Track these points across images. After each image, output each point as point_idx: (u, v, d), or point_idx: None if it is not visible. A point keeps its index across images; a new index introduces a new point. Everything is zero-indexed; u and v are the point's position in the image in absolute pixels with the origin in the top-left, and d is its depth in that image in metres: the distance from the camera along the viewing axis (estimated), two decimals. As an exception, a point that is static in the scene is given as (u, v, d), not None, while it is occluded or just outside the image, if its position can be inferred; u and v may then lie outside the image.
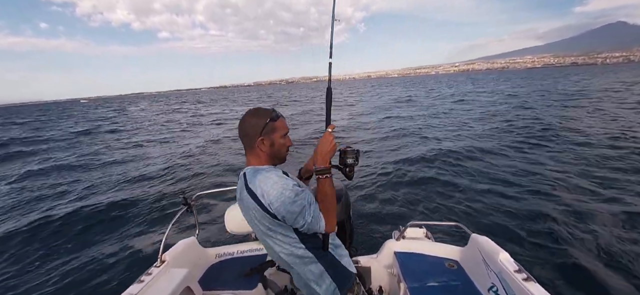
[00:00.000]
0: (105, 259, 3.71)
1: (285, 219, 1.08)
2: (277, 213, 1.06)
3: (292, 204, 1.06)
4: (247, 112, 1.20)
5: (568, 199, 4.94)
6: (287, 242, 1.14)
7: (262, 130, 1.15)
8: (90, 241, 4.10)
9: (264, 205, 1.07)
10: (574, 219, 4.34)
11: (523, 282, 1.44)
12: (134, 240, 4.12)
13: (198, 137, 11.31)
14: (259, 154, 1.17)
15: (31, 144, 14.81)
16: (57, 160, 9.37)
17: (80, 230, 4.34)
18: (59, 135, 17.54)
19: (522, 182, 5.87)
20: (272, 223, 1.10)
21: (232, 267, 2.14)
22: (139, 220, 4.61)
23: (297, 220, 1.08)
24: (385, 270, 2.19)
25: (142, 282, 1.61)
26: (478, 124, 12.25)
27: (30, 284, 3.32)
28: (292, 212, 1.07)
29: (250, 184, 1.10)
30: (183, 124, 18.00)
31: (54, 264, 3.61)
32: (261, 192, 1.07)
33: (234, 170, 7.13)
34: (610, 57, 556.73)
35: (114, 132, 16.63)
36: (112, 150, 9.55)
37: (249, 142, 1.17)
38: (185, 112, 29.77)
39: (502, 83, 46.86)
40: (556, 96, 20.94)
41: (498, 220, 4.41)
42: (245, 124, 1.17)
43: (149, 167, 7.38)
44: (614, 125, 9.99)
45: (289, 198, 1.06)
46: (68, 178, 6.72)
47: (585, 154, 7.15)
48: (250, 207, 1.10)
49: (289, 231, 1.13)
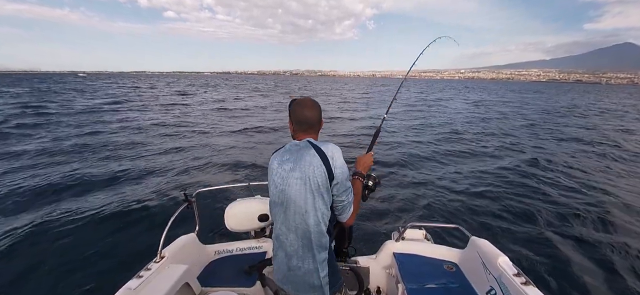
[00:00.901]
0: (104, 253, 3.68)
1: (337, 185, 1.28)
2: (335, 176, 1.27)
3: (346, 181, 1.32)
4: (309, 102, 1.39)
5: (569, 204, 5.01)
6: (323, 209, 1.28)
7: (319, 119, 1.41)
8: (89, 235, 4.06)
9: (330, 164, 1.26)
10: (575, 224, 4.40)
11: (522, 286, 1.44)
12: (133, 235, 4.10)
13: (199, 134, 11.25)
14: (314, 138, 1.39)
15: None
16: (54, 145, 9.24)
17: (79, 224, 4.30)
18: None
19: (522, 184, 5.93)
20: (326, 182, 1.26)
21: (231, 264, 2.13)
22: (138, 216, 4.58)
23: (343, 194, 1.31)
24: (384, 270, 2.19)
25: (141, 277, 1.59)
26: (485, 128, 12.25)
27: (27, 280, 3.28)
28: (345, 183, 1.30)
29: (321, 146, 1.30)
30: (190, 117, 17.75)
31: (52, 260, 3.56)
32: (331, 155, 1.28)
33: (234, 168, 7.09)
34: (615, 77, 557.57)
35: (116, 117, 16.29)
36: (113, 143, 9.47)
37: (311, 127, 1.38)
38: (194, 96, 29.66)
39: (513, 93, 47.05)
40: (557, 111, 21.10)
41: (498, 223, 4.46)
42: (310, 112, 1.37)
43: (149, 163, 7.32)
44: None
45: (346, 173, 1.31)
46: (65, 169, 6.63)
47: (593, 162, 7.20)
48: (313, 163, 1.25)
49: (329, 202, 1.29)
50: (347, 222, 1.38)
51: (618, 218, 4.60)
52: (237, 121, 14.54)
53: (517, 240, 3.99)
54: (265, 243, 2.30)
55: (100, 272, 3.35)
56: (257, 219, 2.17)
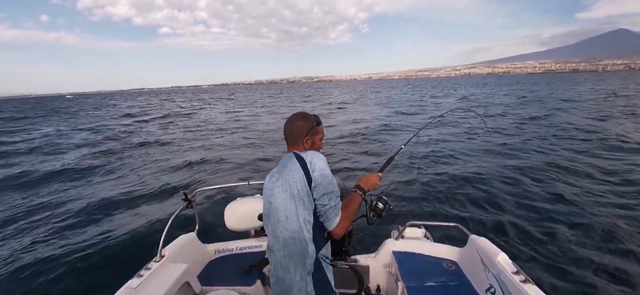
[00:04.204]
0: (105, 253, 3.70)
1: (316, 188, 1.26)
2: (314, 179, 1.25)
3: (328, 184, 1.27)
4: (296, 116, 1.41)
5: (569, 203, 4.96)
6: (305, 214, 1.27)
7: (307, 132, 1.37)
8: (89, 234, 4.09)
9: (307, 167, 1.26)
10: (574, 221, 4.36)
11: (521, 283, 1.45)
12: (133, 234, 4.11)
13: (201, 133, 11.29)
14: (300, 149, 1.37)
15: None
16: (57, 159, 9.33)
17: (80, 224, 4.32)
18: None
19: (523, 182, 5.90)
20: (305, 187, 1.25)
21: (231, 263, 2.15)
22: (138, 215, 4.61)
23: (324, 197, 1.26)
24: (384, 269, 2.19)
25: (141, 276, 1.60)
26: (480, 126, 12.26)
27: (26, 278, 3.31)
28: (325, 186, 1.26)
29: (302, 154, 1.31)
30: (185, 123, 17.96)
31: (52, 258, 3.59)
32: (310, 161, 1.28)
33: (234, 168, 7.11)
34: (611, 64, 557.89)
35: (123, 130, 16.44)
36: (115, 144, 9.53)
37: (293, 140, 1.38)
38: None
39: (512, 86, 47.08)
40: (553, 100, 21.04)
41: (497, 221, 4.43)
42: (293, 124, 1.39)
43: (150, 164, 7.35)
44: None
45: (328, 177, 1.28)
46: (68, 172, 6.69)
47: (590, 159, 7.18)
48: (293, 169, 1.27)
49: (310, 207, 1.27)
50: (335, 231, 1.30)
51: (623, 218, 4.50)
52: (237, 123, 14.61)
53: (517, 238, 3.95)
54: (265, 242, 2.31)
55: (100, 271, 3.36)
56: (256, 218, 2.18)
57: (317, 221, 1.29)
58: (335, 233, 1.31)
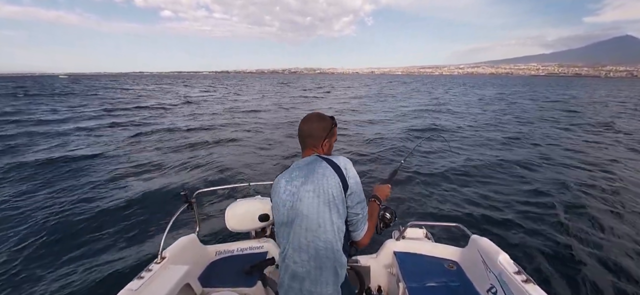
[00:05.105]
0: (105, 255, 3.67)
1: (351, 195, 1.23)
2: (350, 185, 1.22)
3: (361, 192, 1.27)
4: (313, 116, 1.36)
5: (570, 202, 4.99)
6: (340, 223, 1.22)
7: (327, 134, 1.33)
8: (89, 237, 4.06)
9: (343, 173, 1.22)
10: (576, 221, 4.38)
11: (522, 283, 1.45)
12: (133, 236, 4.09)
13: (200, 132, 11.24)
14: (319, 152, 1.33)
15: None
16: (49, 152, 9.23)
17: (79, 226, 4.30)
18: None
19: (523, 182, 5.92)
20: (341, 193, 1.21)
21: (232, 265, 2.13)
22: (139, 217, 4.58)
23: (357, 206, 1.25)
24: (385, 269, 2.19)
25: (141, 278, 1.59)
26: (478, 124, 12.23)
27: (26, 281, 3.28)
28: (359, 194, 1.25)
29: (333, 158, 1.27)
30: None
31: (51, 260, 3.57)
32: (344, 165, 1.25)
33: (235, 168, 7.07)
34: (614, 70, 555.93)
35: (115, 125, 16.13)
36: (111, 143, 9.47)
37: (314, 140, 1.32)
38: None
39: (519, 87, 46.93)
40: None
41: (498, 221, 4.44)
42: (312, 125, 1.33)
43: (150, 163, 7.31)
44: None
45: (360, 185, 1.27)
46: (63, 171, 6.61)
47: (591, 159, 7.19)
48: (326, 174, 1.21)
49: (344, 216, 1.23)
50: (362, 241, 1.30)
51: (622, 216, 4.55)
52: (237, 121, 14.52)
53: (518, 238, 3.97)
54: (266, 243, 2.31)
55: (101, 273, 3.34)
56: (257, 219, 2.17)
57: (347, 230, 1.26)
58: (362, 243, 1.31)
